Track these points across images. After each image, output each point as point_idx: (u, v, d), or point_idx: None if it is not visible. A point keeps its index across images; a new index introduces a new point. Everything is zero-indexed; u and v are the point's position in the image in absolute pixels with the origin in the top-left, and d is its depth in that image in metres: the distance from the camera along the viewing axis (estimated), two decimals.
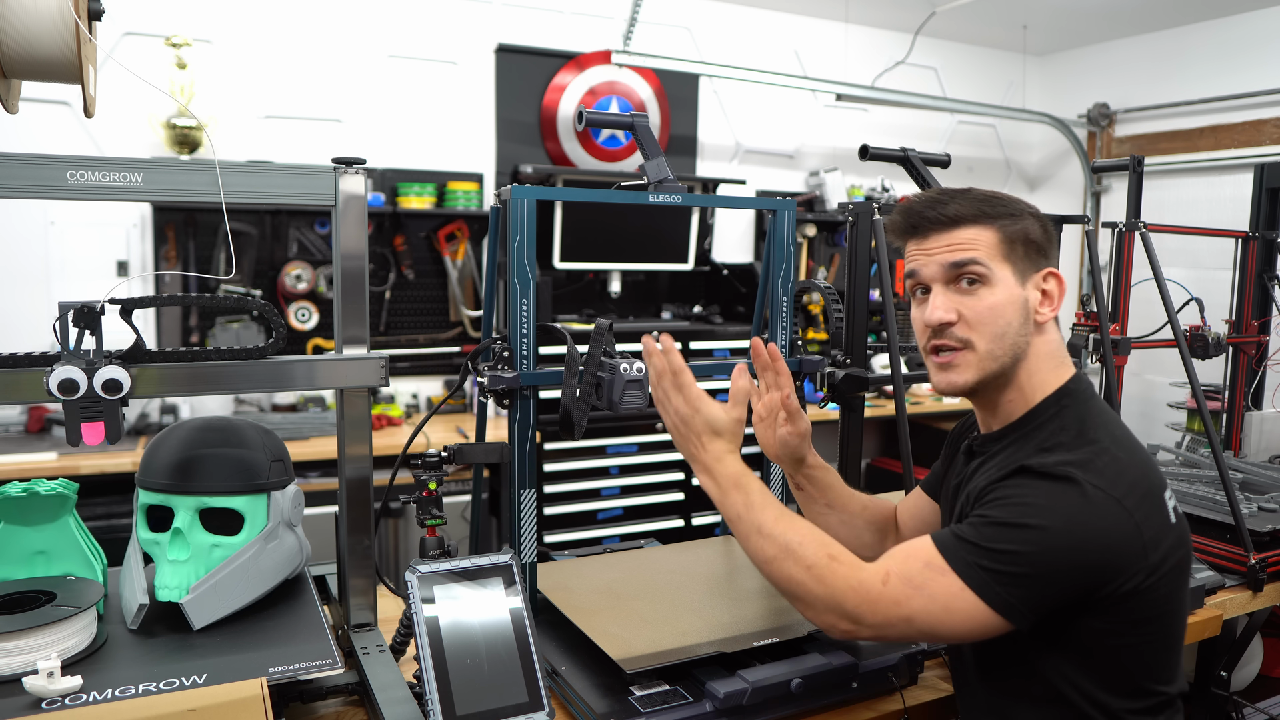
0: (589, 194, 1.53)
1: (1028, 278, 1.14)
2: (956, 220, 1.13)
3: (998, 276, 1.12)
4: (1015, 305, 1.12)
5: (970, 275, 1.12)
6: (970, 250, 1.12)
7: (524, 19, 4.06)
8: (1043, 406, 1.14)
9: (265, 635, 1.26)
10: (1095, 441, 1.07)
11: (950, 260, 1.12)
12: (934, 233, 1.14)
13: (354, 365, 1.29)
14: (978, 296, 1.12)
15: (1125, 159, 2.01)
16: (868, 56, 4.83)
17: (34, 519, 1.31)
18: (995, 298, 1.11)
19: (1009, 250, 1.12)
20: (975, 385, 1.14)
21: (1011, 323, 1.12)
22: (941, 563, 1.01)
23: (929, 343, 1.16)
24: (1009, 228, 1.13)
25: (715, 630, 1.33)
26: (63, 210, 3.34)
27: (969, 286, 1.12)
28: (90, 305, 1.10)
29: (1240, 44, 4.47)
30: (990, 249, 1.12)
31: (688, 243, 4.00)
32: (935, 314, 1.13)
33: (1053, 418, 1.12)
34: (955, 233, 1.13)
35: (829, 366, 1.73)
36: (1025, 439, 1.13)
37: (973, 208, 1.13)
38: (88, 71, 1.14)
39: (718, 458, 1.13)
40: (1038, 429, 1.12)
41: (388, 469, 1.58)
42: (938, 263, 1.13)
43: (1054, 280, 1.15)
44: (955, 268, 1.12)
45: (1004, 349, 1.12)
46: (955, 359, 1.14)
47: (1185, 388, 3.39)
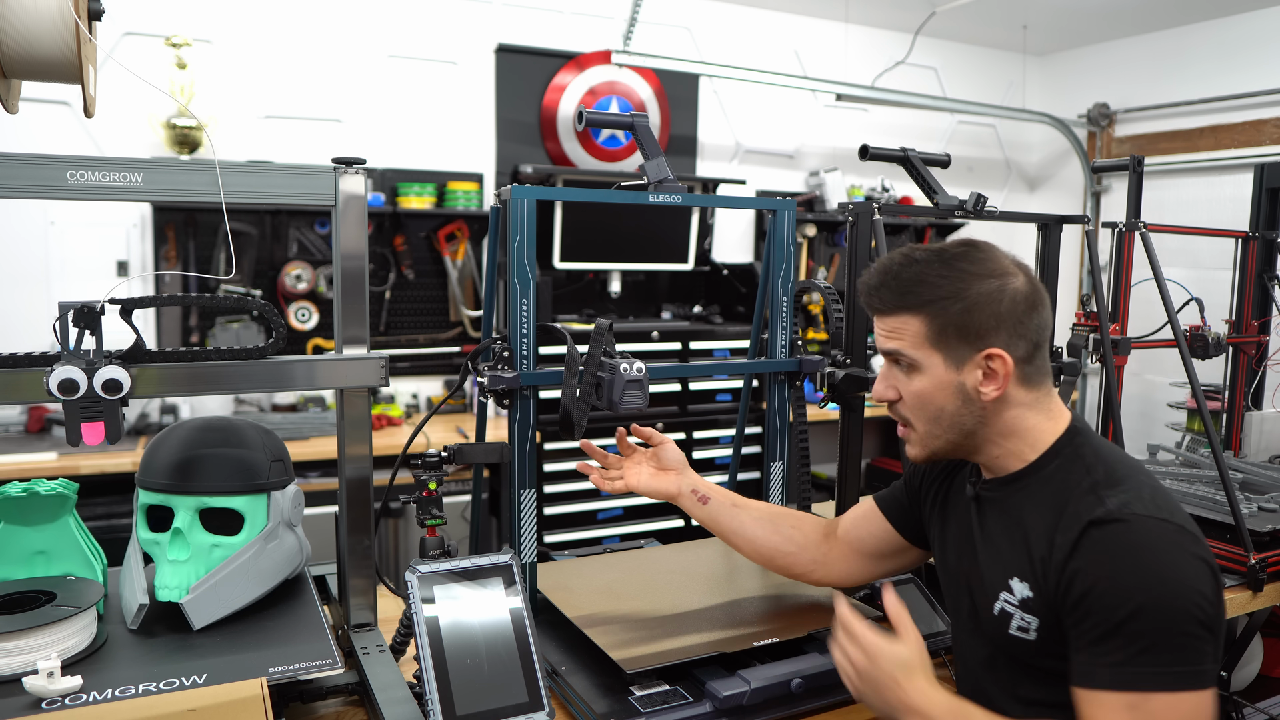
0: (589, 194, 1.53)
1: (965, 360, 1.11)
2: (885, 308, 1.16)
3: (924, 364, 1.13)
4: (947, 390, 1.12)
5: (900, 360, 1.15)
6: (896, 340, 1.14)
7: (524, 19, 4.06)
8: (1055, 449, 1.14)
9: (265, 635, 1.26)
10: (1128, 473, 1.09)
11: (884, 347, 1.17)
12: (875, 314, 1.18)
13: (354, 365, 1.29)
14: (911, 379, 1.15)
15: (1125, 159, 2.01)
16: (868, 56, 4.83)
17: (34, 519, 1.31)
18: (923, 384, 1.14)
19: (937, 337, 1.11)
20: (927, 459, 1.18)
21: (945, 407, 1.13)
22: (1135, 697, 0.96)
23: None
24: (941, 315, 1.10)
25: (715, 630, 1.33)
26: (63, 210, 3.34)
27: (906, 369, 1.15)
28: (90, 305, 1.10)
29: (1240, 44, 4.47)
30: (915, 338, 1.13)
31: (688, 243, 4.00)
32: (877, 389, 1.20)
33: (1070, 457, 1.12)
34: (887, 319, 1.16)
35: (829, 366, 1.73)
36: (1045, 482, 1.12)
37: (894, 300, 1.14)
38: (88, 71, 1.14)
39: (923, 693, 1.05)
40: (1058, 471, 1.12)
41: (388, 469, 1.58)
42: (880, 344, 1.18)
43: (998, 360, 1.10)
44: (888, 353, 1.17)
45: (943, 429, 1.14)
46: (906, 434, 1.20)
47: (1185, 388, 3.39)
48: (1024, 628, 1.10)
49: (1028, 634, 1.09)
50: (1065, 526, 1.06)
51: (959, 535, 1.25)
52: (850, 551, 1.40)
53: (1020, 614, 1.10)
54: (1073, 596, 1.02)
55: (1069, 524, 1.06)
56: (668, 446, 1.44)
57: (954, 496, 1.28)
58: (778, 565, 1.42)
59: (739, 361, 2.51)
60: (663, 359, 3.66)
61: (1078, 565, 1.02)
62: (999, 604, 1.13)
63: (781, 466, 1.70)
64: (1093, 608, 1.00)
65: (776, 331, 1.65)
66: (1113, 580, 0.99)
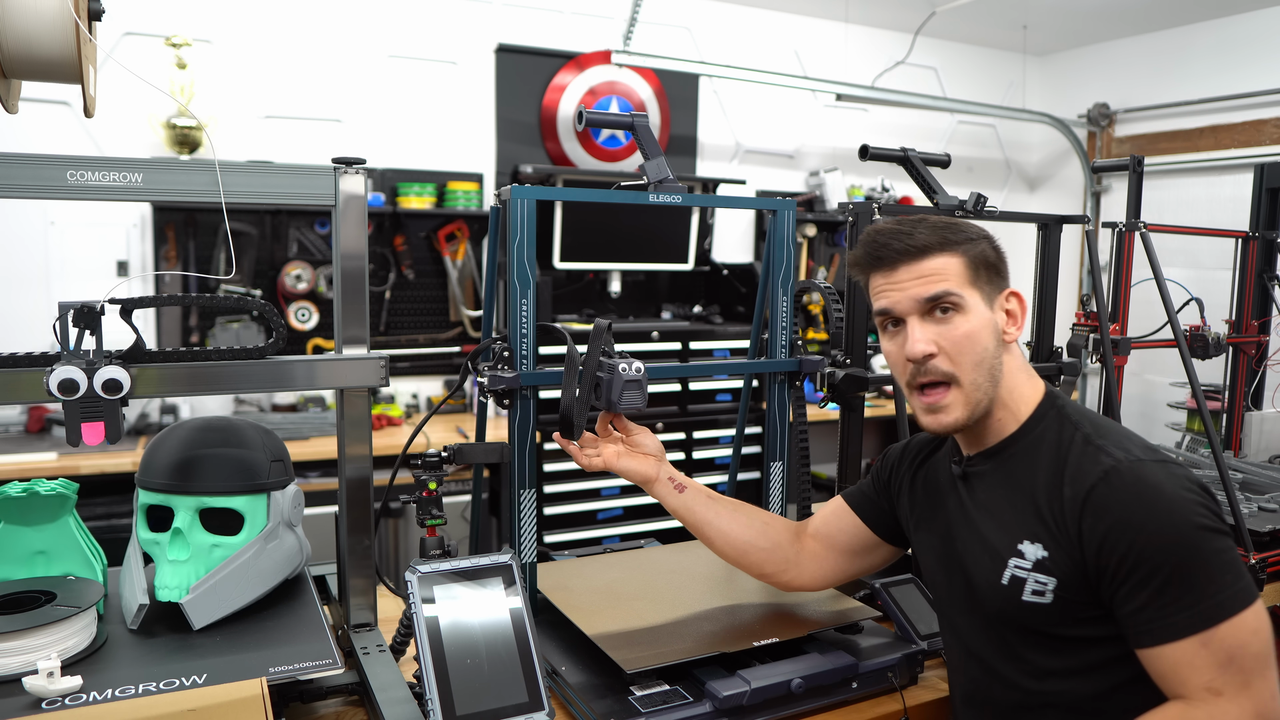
0: (589, 194, 1.53)
1: (994, 300, 1.16)
2: (924, 250, 1.13)
3: (970, 303, 1.12)
4: (989, 330, 1.13)
5: (944, 304, 1.12)
6: (942, 281, 1.12)
7: (524, 19, 4.06)
8: (1039, 412, 1.16)
9: (265, 635, 1.26)
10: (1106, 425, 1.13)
11: (924, 295, 1.12)
12: (902, 264, 1.14)
13: (354, 365, 1.29)
14: (953, 325, 1.12)
15: (1125, 159, 2.01)
16: (868, 56, 4.83)
17: (34, 519, 1.31)
18: (970, 324, 1.12)
19: (975, 275, 1.14)
20: (967, 421, 1.14)
21: (988, 347, 1.13)
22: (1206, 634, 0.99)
23: (913, 379, 1.15)
24: (971, 252, 1.14)
25: (715, 630, 1.33)
26: (63, 210, 3.34)
27: (943, 315, 1.13)
28: (90, 305, 1.10)
29: (1240, 44, 4.47)
30: (959, 276, 1.13)
31: (688, 243, 4.00)
32: (916, 347, 1.12)
33: (1056, 418, 1.15)
34: (923, 263, 1.13)
35: (829, 366, 1.73)
36: (1036, 443, 1.14)
37: (937, 235, 1.13)
38: (88, 71, 1.14)
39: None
40: (1046, 431, 1.14)
41: (388, 469, 1.58)
42: (911, 297, 1.13)
43: (1015, 300, 1.18)
44: (930, 301, 1.12)
45: (985, 376, 1.13)
46: (942, 399, 1.14)
47: (1185, 388, 3.39)
48: (1039, 591, 1.09)
49: (1043, 597, 1.09)
50: (1073, 479, 1.07)
51: (947, 518, 1.24)
52: (822, 550, 1.39)
53: (1035, 577, 1.09)
54: (1112, 553, 1.02)
55: (1076, 476, 1.07)
56: (645, 433, 1.42)
57: (932, 483, 1.28)
58: (750, 561, 1.38)
59: (739, 361, 2.51)
60: (663, 359, 3.66)
61: (1109, 520, 1.03)
62: (1009, 572, 1.11)
63: (781, 466, 1.70)
64: (1141, 559, 1.01)
65: (776, 331, 1.65)
66: (1151, 526, 1.01)
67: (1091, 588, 1.06)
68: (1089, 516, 1.05)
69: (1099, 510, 1.04)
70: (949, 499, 1.24)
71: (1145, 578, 1.01)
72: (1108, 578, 1.04)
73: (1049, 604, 1.08)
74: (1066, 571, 1.07)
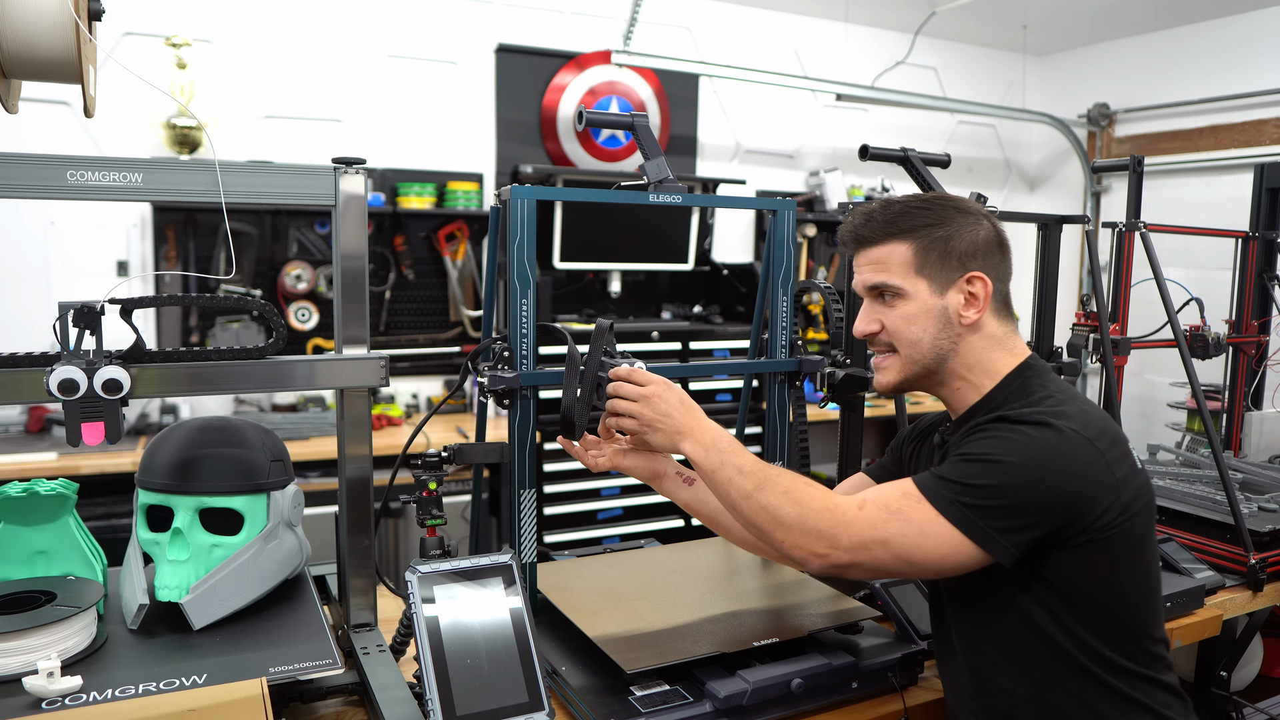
0: (589, 194, 1.53)
1: (949, 284, 1.20)
2: (868, 240, 1.23)
3: (910, 291, 1.20)
4: (930, 315, 1.20)
5: (886, 291, 1.22)
6: (883, 271, 1.21)
7: (524, 19, 4.06)
8: (1005, 383, 1.21)
9: (265, 635, 1.26)
10: (1067, 399, 1.16)
11: (869, 282, 1.24)
12: (858, 249, 1.25)
13: (354, 365, 1.29)
14: (894, 309, 1.22)
15: (1125, 159, 2.01)
16: (868, 56, 4.83)
17: (34, 519, 1.31)
18: (909, 310, 1.20)
19: (922, 262, 1.20)
20: (899, 385, 1.25)
21: (927, 329, 1.20)
22: (918, 494, 1.09)
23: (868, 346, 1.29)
24: (925, 239, 1.20)
25: (715, 630, 1.33)
26: (63, 210, 3.34)
27: (889, 300, 1.22)
28: (90, 305, 1.10)
29: (1240, 44, 4.47)
30: (902, 266, 1.20)
31: (688, 243, 4.00)
32: (858, 325, 1.26)
33: (1018, 389, 1.20)
34: (872, 250, 1.23)
35: (829, 366, 1.73)
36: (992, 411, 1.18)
37: (883, 228, 1.21)
38: (88, 71, 1.14)
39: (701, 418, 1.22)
40: (1005, 400, 1.19)
41: (388, 469, 1.58)
42: (862, 281, 1.25)
43: (979, 283, 1.20)
44: (872, 289, 1.24)
45: (922, 353, 1.21)
46: (882, 362, 1.26)
47: (1185, 388, 3.39)
48: None
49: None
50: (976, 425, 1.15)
51: None
52: None
53: None
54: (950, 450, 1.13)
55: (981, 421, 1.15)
56: None
57: (924, 453, 1.36)
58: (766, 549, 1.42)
59: (739, 361, 2.51)
60: (663, 359, 3.66)
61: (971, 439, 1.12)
62: None
63: (781, 466, 1.70)
64: (960, 453, 1.11)
65: (776, 331, 1.65)
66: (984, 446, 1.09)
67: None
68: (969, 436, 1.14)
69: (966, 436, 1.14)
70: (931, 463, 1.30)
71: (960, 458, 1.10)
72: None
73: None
74: None
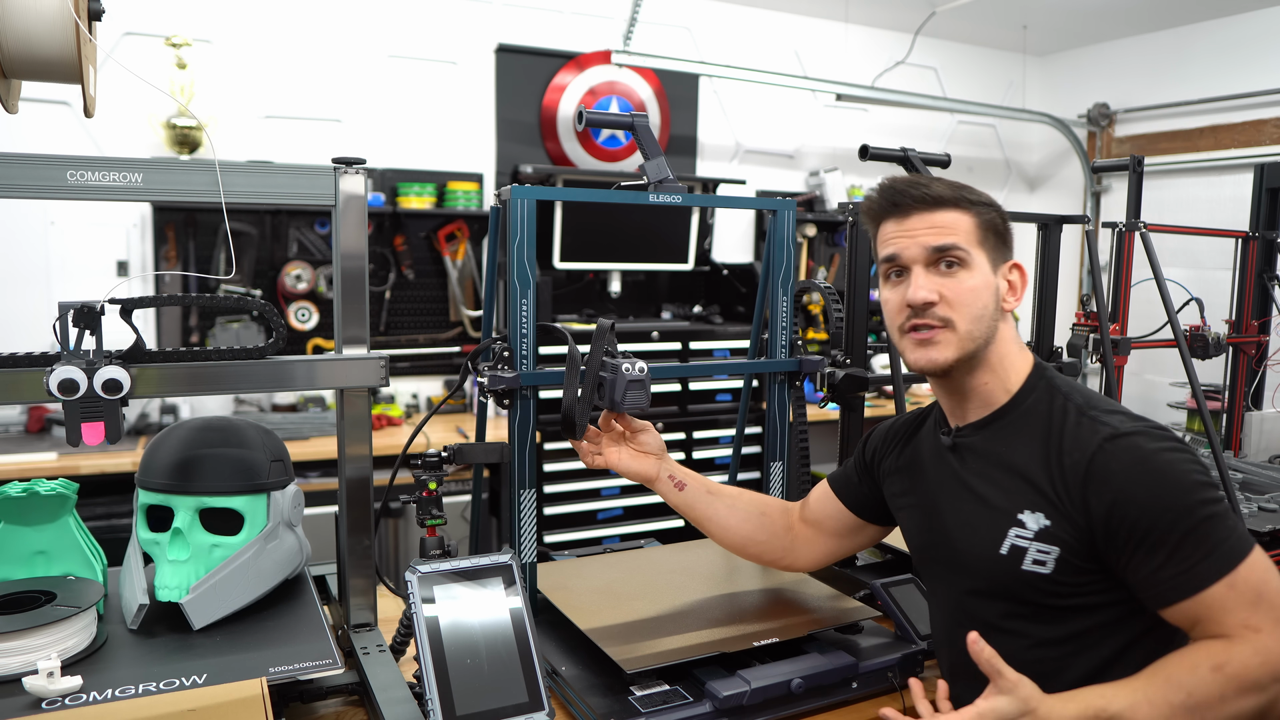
0: (589, 194, 1.53)
1: (998, 266, 1.18)
2: (939, 201, 1.15)
3: (976, 261, 1.15)
4: (990, 290, 1.15)
5: (951, 259, 1.14)
6: (951, 235, 1.14)
7: (524, 19, 4.06)
8: (1029, 384, 1.18)
9: (265, 635, 1.26)
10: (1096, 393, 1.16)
11: (933, 244, 1.14)
12: (916, 211, 1.16)
13: (354, 365, 1.29)
14: (958, 279, 1.14)
15: (1125, 159, 2.01)
16: (868, 56, 4.83)
17: (34, 519, 1.31)
18: (974, 281, 1.14)
19: (983, 237, 1.16)
20: (954, 363, 1.15)
21: (988, 306, 1.15)
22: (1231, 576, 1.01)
23: (906, 322, 1.17)
24: (982, 215, 1.17)
25: (715, 630, 1.33)
26: (63, 210, 3.34)
27: (949, 269, 1.15)
28: (90, 305, 1.10)
29: (1240, 44, 4.47)
30: (969, 234, 1.15)
31: (688, 243, 4.00)
32: (919, 293, 1.14)
33: (1046, 390, 1.17)
34: (936, 214, 1.15)
35: (829, 366, 1.73)
36: (1027, 413, 1.16)
37: (953, 191, 1.16)
38: (88, 71, 1.14)
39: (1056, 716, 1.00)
40: (1037, 403, 1.16)
41: (388, 469, 1.58)
42: (920, 244, 1.15)
43: (1018, 272, 1.20)
44: (938, 251, 1.14)
45: (981, 330, 1.15)
46: (935, 335, 1.15)
47: (1185, 388, 3.39)
48: (1040, 560, 1.10)
49: (1044, 566, 1.09)
50: (1070, 448, 1.09)
51: (933, 491, 1.24)
52: (813, 534, 1.44)
53: (1037, 546, 1.10)
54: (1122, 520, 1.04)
55: (1074, 446, 1.09)
56: (649, 432, 1.43)
57: (921, 457, 1.28)
58: (750, 553, 1.44)
59: (739, 361, 2.51)
60: (663, 359, 3.66)
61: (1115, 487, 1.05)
62: (1008, 542, 1.12)
63: (781, 466, 1.70)
64: (1154, 524, 1.02)
65: (776, 331, 1.65)
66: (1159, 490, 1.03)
67: (1097, 555, 1.07)
68: (1093, 484, 1.06)
69: (1102, 479, 1.06)
70: (936, 470, 1.24)
71: (1159, 541, 1.02)
72: (1118, 546, 1.05)
73: (1049, 573, 1.09)
74: (1070, 540, 1.08)
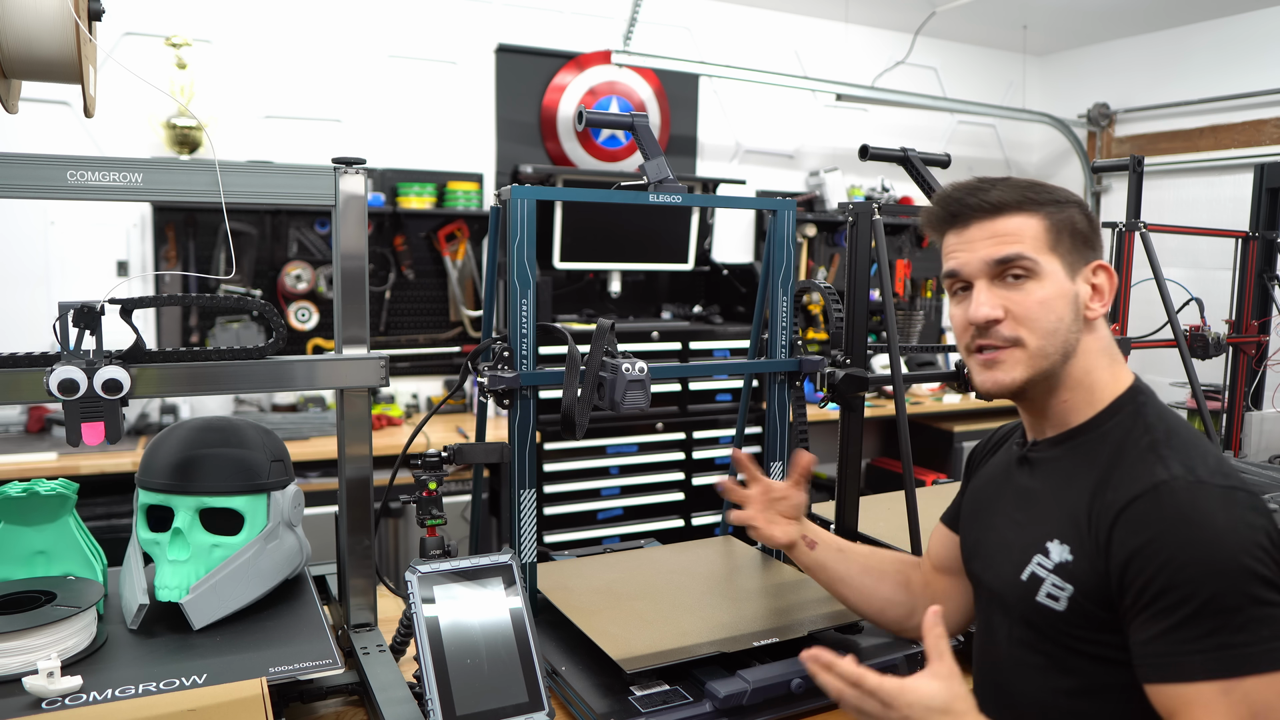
0: (589, 194, 1.53)
1: (1077, 270, 1.05)
2: (999, 208, 1.04)
3: (1046, 270, 1.03)
4: (1066, 300, 1.03)
5: (1017, 270, 1.03)
6: (1015, 244, 1.03)
7: (524, 19, 4.06)
8: (1117, 405, 1.05)
9: (265, 635, 1.26)
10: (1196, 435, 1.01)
11: (995, 256, 1.04)
12: (975, 221, 1.06)
13: (354, 365, 1.29)
14: (1025, 291, 1.03)
15: (1125, 159, 2.01)
16: (868, 56, 4.83)
17: (34, 519, 1.31)
18: (1045, 292, 1.03)
19: (1056, 240, 1.04)
20: (1025, 384, 1.04)
21: (1063, 318, 1.03)
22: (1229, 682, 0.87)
23: (972, 341, 1.07)
24: (1055, 215, 1.04)
25: (715, 630, 1.33)
26: (63, 210, 3.34)
27: (1015, 281, 1.03)
28: (90, 305, 1.10)
29: (1240, 44, 4.47)
30: (1036, 240, 1.03)
31: (688, 243, 4.00)
32: (980, 310, 1.04)
33: (1132, 415, 1.04)
34: (998, 222, 1.04)
35: (829, 366, 1.73)
36: (1103, 438, 1.04)
37: (1016, 194, 1.05)
38: (88, 71, 1.14)
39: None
40: (1116, 428, 1.04)
41: (388, 469, 1.58)
42: (980, 258, 1.04)
43: (1104, 274, 1.06)
44: (1000, 264, 1.03)
45: (1055, 346, 1.03)
46: (1001, 355, 1.04)
47: (1185, 388, 3.39)
48: (1054, 595, 1.00)
49: (1057, 602, 1.00)
50: (1119, 484, 0.97)
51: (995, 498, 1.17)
52: (949, 583, 1.28)
53: (1053, 579, 1.00)
54: (1139, 572, 0.92)
55: (1123, 481, 0.97)
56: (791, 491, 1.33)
57: (990, 470, 1.21)
58: (888, 619, 1.29)
59: (739, 361, 2.51)
60: (663, 359, 3.66)
61: (1144, 536, 0.92)
62: (1030, 568, 1.03)
63: (781, 466, 1.70)
64: (1170, 585, 0.89)
65: (776, 331, 1.65)
66: (1190, 553, 0.89)
67: (1110, 603, 0.96)
68: (1122, 528, 0.94)
69: (1135, 524, 0.93)
70: (1003, 480, 1.16)
71: (1168, 608, 0.89)
72: (1129, 599, 0.93)
73: (1061, 611, 1.00)
74: (1086, 580, 0.97)
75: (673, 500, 3.74)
